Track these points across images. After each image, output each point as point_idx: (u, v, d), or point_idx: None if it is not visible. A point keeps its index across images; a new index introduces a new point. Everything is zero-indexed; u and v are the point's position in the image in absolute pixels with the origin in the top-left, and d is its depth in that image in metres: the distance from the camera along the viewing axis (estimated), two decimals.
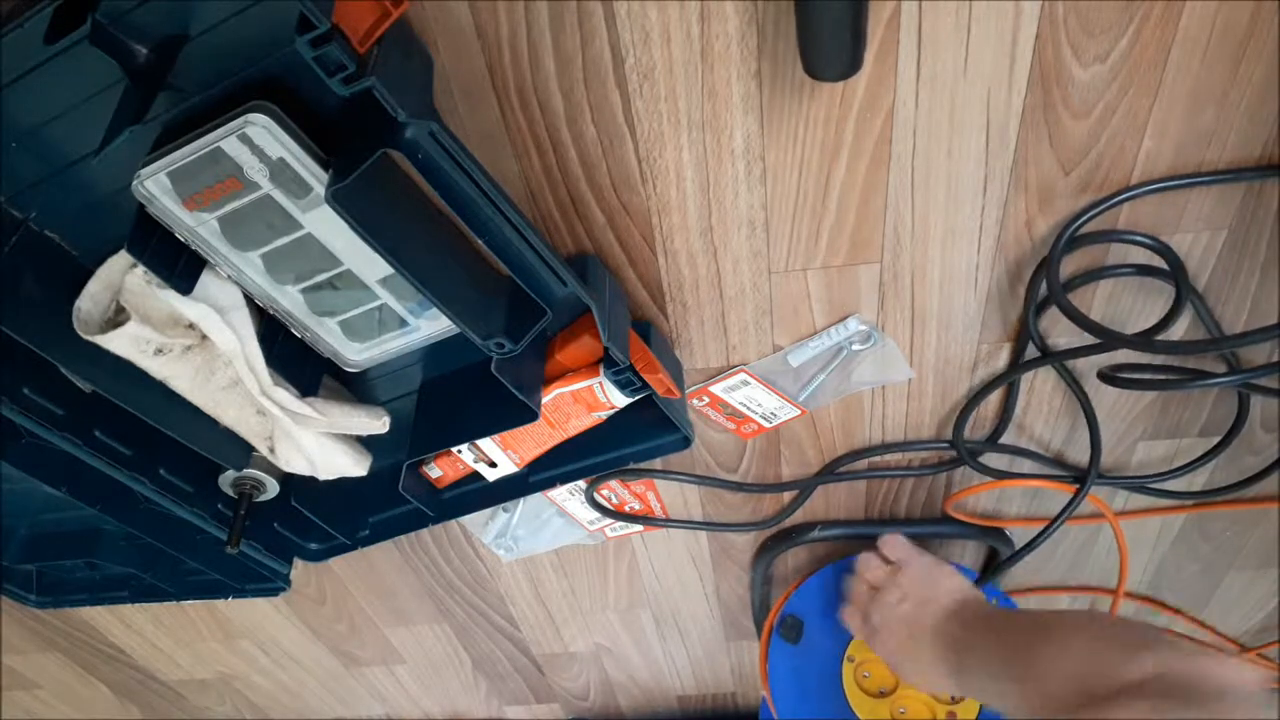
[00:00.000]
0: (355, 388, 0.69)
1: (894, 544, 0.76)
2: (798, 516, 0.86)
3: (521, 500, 0.86)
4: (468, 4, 0.50)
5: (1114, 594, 0.90)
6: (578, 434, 0.70)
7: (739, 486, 0.83)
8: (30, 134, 0.50)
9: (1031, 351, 0.67)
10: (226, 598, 0.85)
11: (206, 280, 0.57)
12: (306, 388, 0.63)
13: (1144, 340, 0.59)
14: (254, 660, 1.17)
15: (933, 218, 0.60)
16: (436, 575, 0.98)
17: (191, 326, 0.59)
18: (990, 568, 0.89)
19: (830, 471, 0.81)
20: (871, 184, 0.58)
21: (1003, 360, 0.70)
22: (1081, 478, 0.75)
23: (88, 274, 0.57)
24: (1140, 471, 0.79)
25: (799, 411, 0.74)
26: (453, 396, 0.68)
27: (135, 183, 0.49)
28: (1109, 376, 0.64)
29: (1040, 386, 0.72)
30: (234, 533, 0.70)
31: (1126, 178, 0.57)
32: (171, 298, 0.56)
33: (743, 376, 0.72)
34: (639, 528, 0.88)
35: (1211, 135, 0.55)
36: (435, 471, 0.74)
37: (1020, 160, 0.57)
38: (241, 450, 0.70)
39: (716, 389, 0.73)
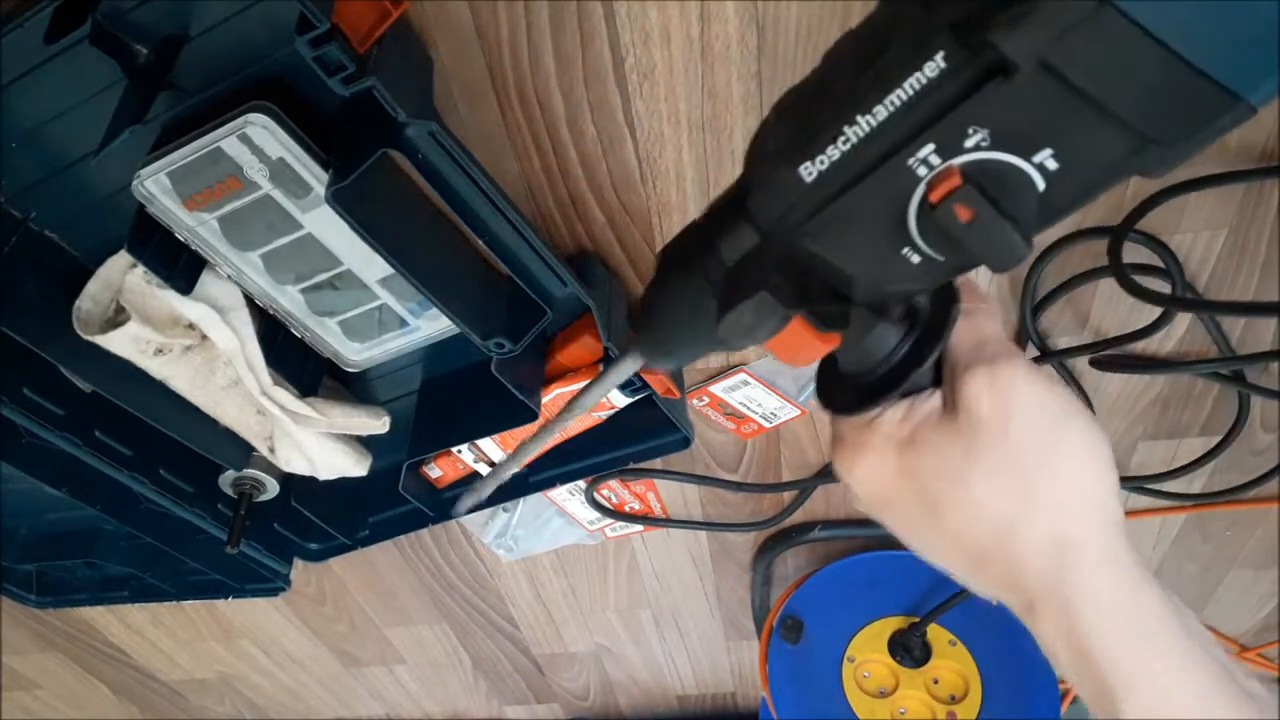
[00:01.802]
0: (355, 388, 0.69)
1: None
2: (798, 516, 0.86)
3: (521, 500, 0.86)
4: (468, 4, 0.50)
5: None
6: (578, 434, 0.70)
7: (739, 486, 0.83)
8: (30, 134, 0.50)
9: (1031, 351, 0.67)
10: (226, 598, 0.85)
11: (206, 280, 0.57)
12: (306, 388, 0.63)
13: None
14: (254, 660, 1.17)
15: None
16: (436, 575, 0.98)
17: (191, 326, 0.59)
18: None
19: (830, 471, 0.81)
20: None
21: None
22: None
23: (88, 274, 0.57)
24: (1140, 472, 0.79)
25: (799, 411, 0.74)
26: (453, 396, 0.68)
27: (135, 183, 0.49)
28: (1102, 361, 0.64)
29: None
30: (234, 533, 0.70)
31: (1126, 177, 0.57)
32: (171, 298, 0.56)
33: (743, 376, 0.72)
34: (639, 528, 0.88)
35: None
36: (435, 471, 0.74)
37: None
38: (241, 450, 0.70)
39: (716, 389, 0.73)
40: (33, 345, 0.55)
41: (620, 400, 0.65)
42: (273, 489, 0.73)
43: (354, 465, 0.70)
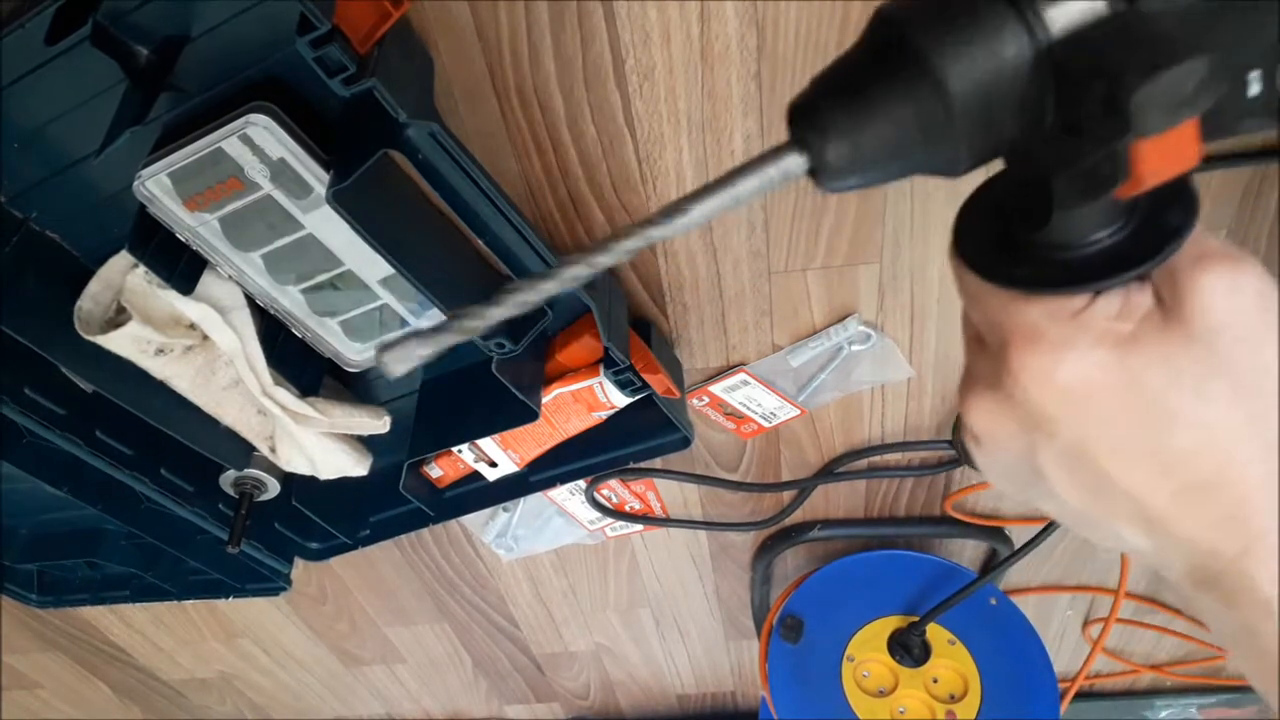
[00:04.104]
0: (356, 388, 0.70)
1: None
2: (797, 516, 0.86)
3: (521, 500, 0.86)
4: (468, 4, 0.50)
5: (1114, 593, 0.90)
6: (578, 434, 0.70)
7: (739, 486, 0.83)
8: (31, 134, 0.51)
9: None
10: (227, 597, 0.85)
11: (207, 280, 0.57)
12: (307, 387, 0.63)
13: None
14: (255, 660, 1.17)
15: (932, 217, 0.60)
16: (437, 575, 0.98)
17: (193, 326, 0.59)
18: (990, 567, 0.89)
19: (830, 471, 0.81)
20: None
21: None
22: None
23: (89, 274, 0.57)
24: None
25: (799, 411, 0.74)
26: (453, 396, 0.68)
27: (136, 183, 0.49)
28: None
29: None
30: (235, 532, 0.71)
31: None
32: (172, 298, 0.57)
33: (743, 376, 0.72)
34: (639, 527, 0.88)
35: None
36: (436, 471, 0.74)
37: None
38: (242, 450, 0.70)
39: (716, 389, 0.73)
40: (34, 345, 0.56)
41: (620, 400, 0.65)
42: (273, 489, 0.73)
43: (354, 465, 0.70)
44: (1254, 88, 0.24)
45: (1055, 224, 0.27)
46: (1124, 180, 0.24)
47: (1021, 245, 0.28)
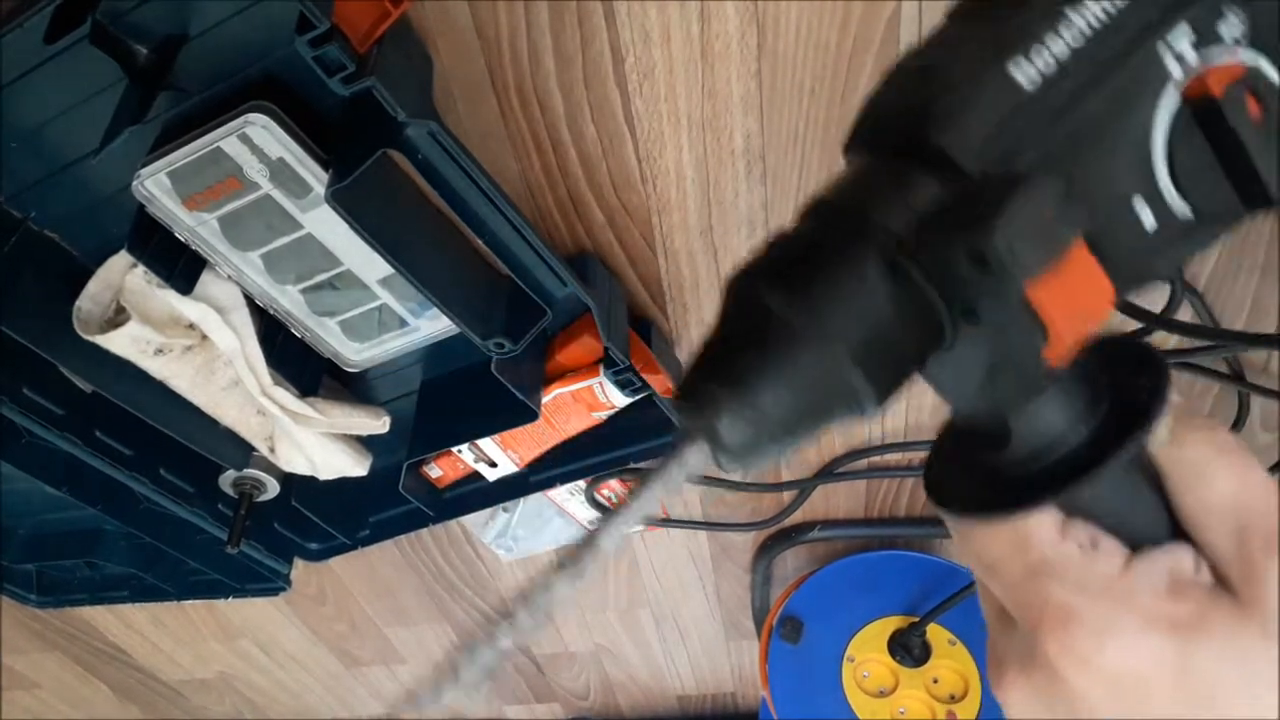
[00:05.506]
0: (355, 388, 0.69)
1: None
2: (797, 516, 0.86)
3: (521, 500, 0.86)
4: (468, 4, 0.50)
5: None
6: (578, 434, 0.70)
7: (739, 486, 0.83)
8: (30, 134, 0.50)
9: None
10: (227, 598, 0.85)
11: (207, 280, 0.57)
12: (307, 388, 0.63)
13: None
14: (254, 660, 1.17)
15: None
16: (437, 575, 0.98)
17: (192, 326, 0.59)
18: None
19: (830, 471, 0.81)
20: None
21: None
22: None
23: (88, 274, 0.57)
24: None
25: None
26: (453, 396, 0.68)
27: (135, 182, 0.49)
28: None
29: None
30: (234, 532, 0.70)
31: None
32: (172, 297, 0.56)
33: None
34: (639, 527, 0.88)
35: None
36: (435, 471, 0.74)
37: None
38: (242, 450, 0.70)
39: None
40: (33, 345, 0.55)
41: (620, 400, 0.65)
42: (273, 489, 0.73)
43: (354, 465, 0.70)
44: (1147, 218, 0.21)
45: (1016, 435, 0.24)
46: (1044, 341, 0.21)
47: (1001, 476, 0.25)
